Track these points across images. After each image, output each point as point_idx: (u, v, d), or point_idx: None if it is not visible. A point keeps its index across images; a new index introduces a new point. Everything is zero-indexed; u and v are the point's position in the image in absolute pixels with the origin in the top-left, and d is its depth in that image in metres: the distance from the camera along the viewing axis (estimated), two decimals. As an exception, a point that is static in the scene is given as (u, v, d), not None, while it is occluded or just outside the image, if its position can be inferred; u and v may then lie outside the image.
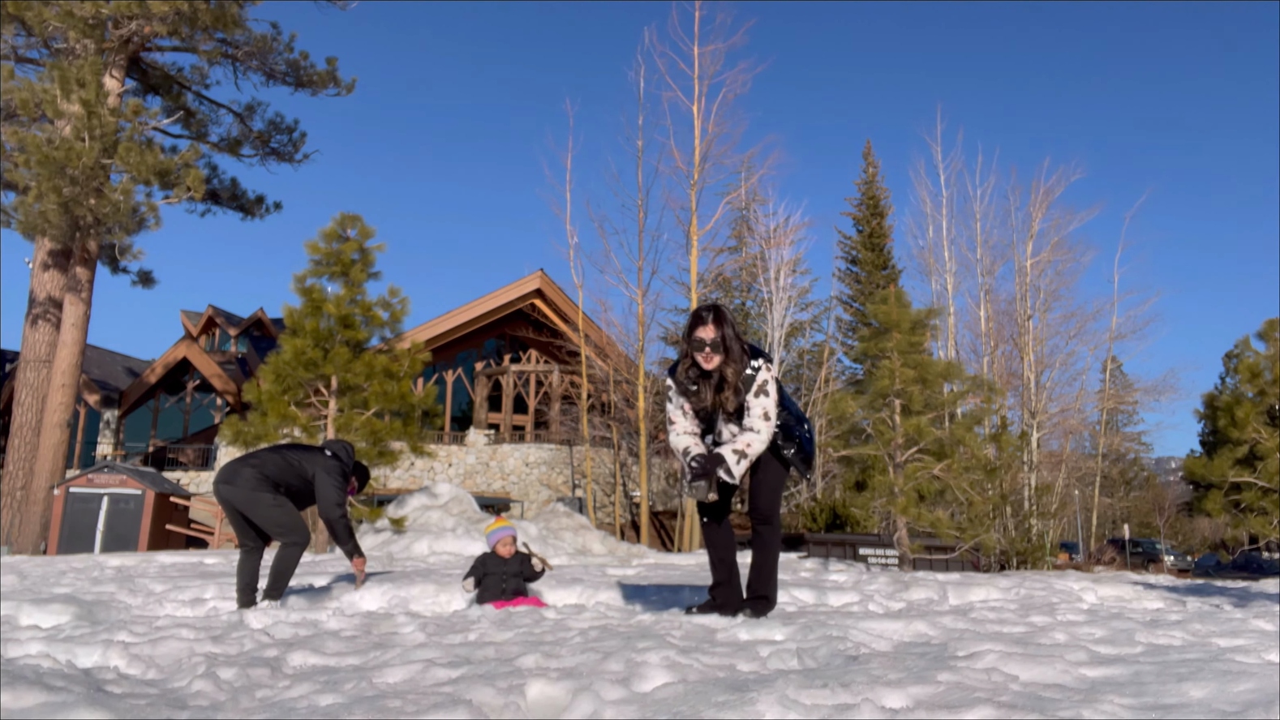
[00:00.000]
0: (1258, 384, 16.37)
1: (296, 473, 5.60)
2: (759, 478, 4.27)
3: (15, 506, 19.01)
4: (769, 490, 4.27)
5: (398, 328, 17.75)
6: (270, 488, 5.45)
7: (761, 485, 4.27)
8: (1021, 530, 21.85)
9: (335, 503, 5.56)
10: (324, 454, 5.78)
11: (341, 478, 5.70)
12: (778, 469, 4.29)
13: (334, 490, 5.60)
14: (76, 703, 2.06)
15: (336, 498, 5.58)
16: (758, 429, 4.10)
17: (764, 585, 4.26)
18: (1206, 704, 1.94)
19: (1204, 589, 9.88)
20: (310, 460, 5.69)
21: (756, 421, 4.11)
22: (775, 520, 4.28)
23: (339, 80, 22.58)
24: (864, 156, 42.02)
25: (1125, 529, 37.54)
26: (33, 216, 17.61)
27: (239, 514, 5.48)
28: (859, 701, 1.99)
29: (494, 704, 2.15)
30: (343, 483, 5.69)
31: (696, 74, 26.05)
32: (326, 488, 5.59)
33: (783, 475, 4.33)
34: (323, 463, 5.70)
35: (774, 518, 4.26)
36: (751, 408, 4.13)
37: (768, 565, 4.26)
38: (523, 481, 30.49)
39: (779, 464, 4.29)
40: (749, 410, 4.13)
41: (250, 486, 5.42)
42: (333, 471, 5.67)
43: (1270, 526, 15.92)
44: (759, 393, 4.14)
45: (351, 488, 5.91)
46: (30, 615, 4.56)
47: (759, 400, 4.13)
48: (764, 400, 4.14)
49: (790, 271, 29.21)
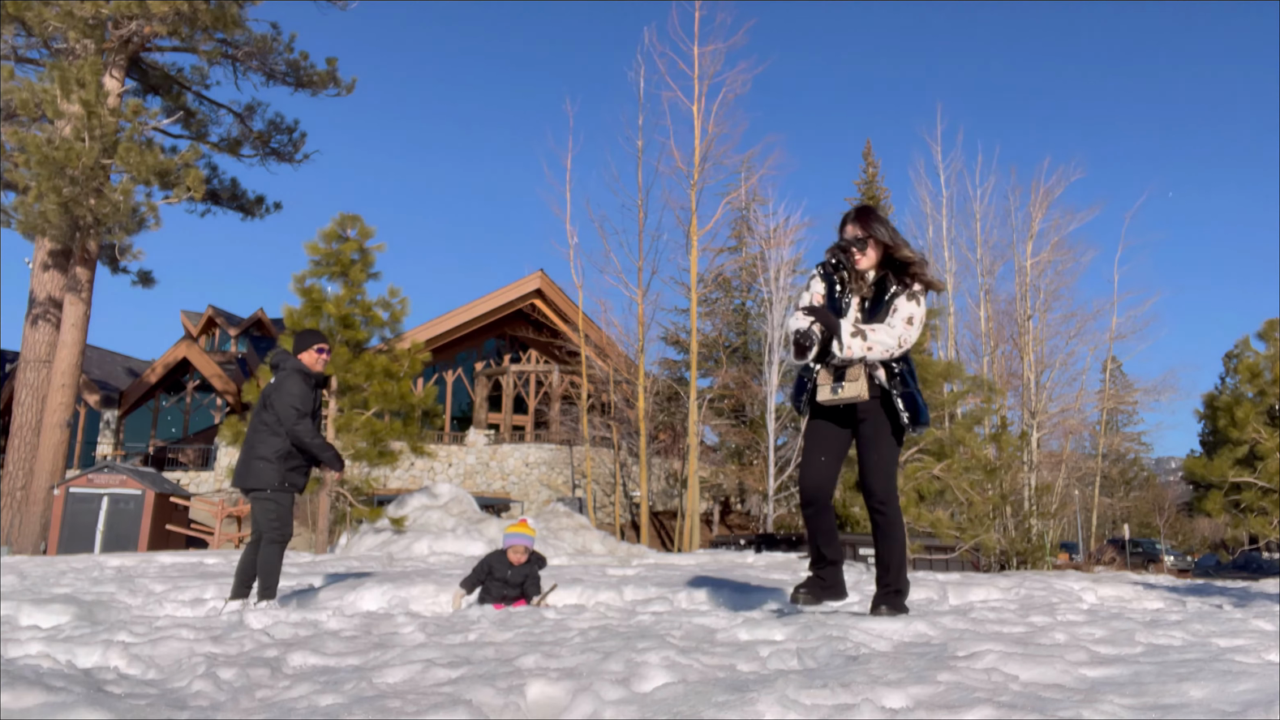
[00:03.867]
0: (1258, 384, 16.37)
1: (272, 429, 5.45)
2: (874, 460, 3.88)
3: (15, 506, 19.00)
4: (883, 470, 3.87)
5: (398, 328, 17.77)
6: (278, 477, 5.43)
7: (875, 465, 3.87)
8: (1021, 530, 21.85)
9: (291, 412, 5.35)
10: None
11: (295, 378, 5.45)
12: (891, 445, 3.90)
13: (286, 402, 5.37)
14: (76, 703, 2.06)
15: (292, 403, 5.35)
16: (893, 325, 3.76)
17: (895, 578, 3.88)
18: (1206, 704, 1.94)
19: (1204, 589, 9.88)
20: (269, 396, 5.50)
21: (898, 321, 3.77)
22: (893, 503, 3.88)
23: (339, 80, 22.59)
24: (864, 156, 41.98)
25: (1125, 529, 37.56)
26: (33, 216, 17.61)
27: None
28: (859, 701, 1.99)
29: (494, 704, 2.15)
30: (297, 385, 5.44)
31: (696, 74, 26.09)
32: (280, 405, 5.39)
33: (896, 453, 3.95)
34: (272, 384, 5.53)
35: (891, 499, 3.87)
36: (899, 309, 3.79)
37: (895, 556, 3.89)
38: (523, 481, 30.49)
39: (893, 439, 3.90)
40: (894, 309, 3.79)
41: (258, 483, 5.43)
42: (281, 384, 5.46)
43: (1270, 526, 15.93)
44: (911, 297, 3.81)
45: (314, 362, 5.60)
46: (30, 615, 4.56)
47: (909, 304, 3.80)
48: (912, 307, 3.80)
49: (790, 272, 29.15)
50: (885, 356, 3.80)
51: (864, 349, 3.76)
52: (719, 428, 32.15)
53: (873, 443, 3.89)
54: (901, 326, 3.78)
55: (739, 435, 32.33)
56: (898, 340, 3.77)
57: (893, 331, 3.77)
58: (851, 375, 3.88)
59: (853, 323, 3.80)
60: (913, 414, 3.83)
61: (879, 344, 3.76)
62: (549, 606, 5.35)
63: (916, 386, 3.88)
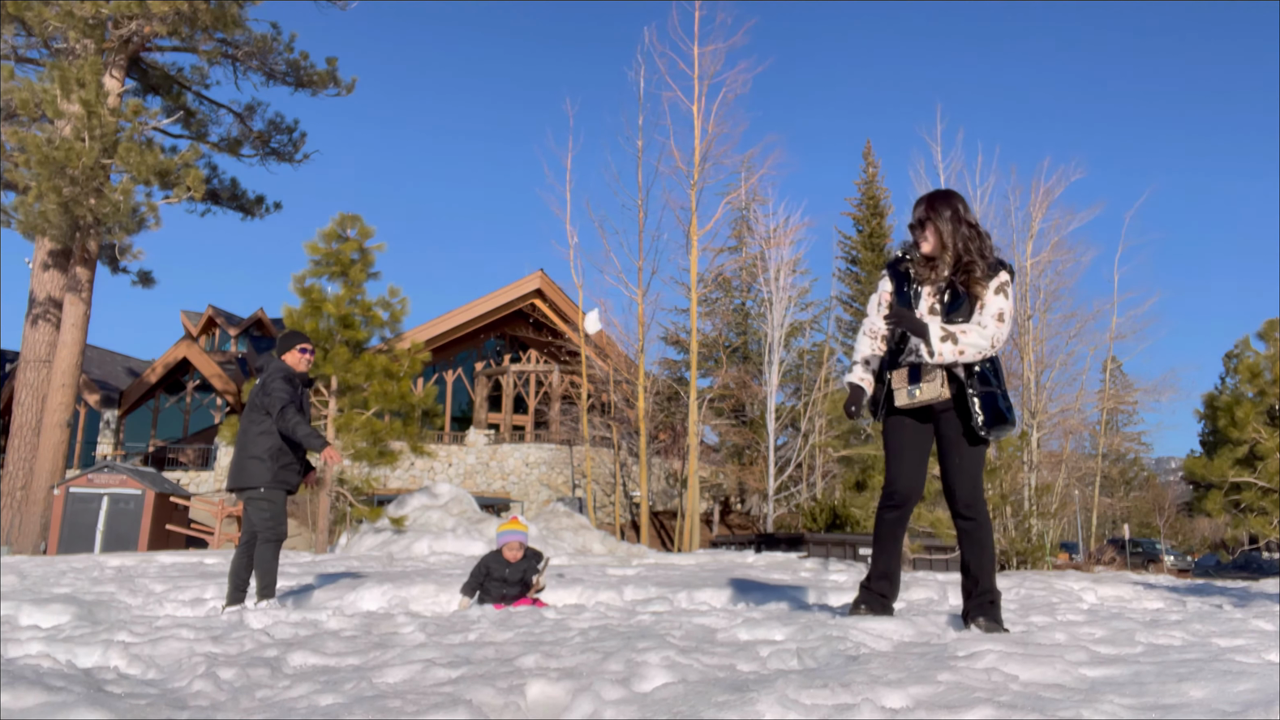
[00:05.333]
0: (1258, 384, 16.37)
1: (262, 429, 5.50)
2: (957, 463, 3.64)
3: (15, 506, 19.01)
4: (967, 474, 3.61)
5: (397, 328, 17.78)
6: (270, 476, 5.45)
7: (960, 472, 3.63)
8: (1021, 530, 21.84)
9: (280, 406, 5.40)
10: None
11: (278, 378, 5.52)
12: (978, 451, 3.64)
13: (276, 396, 5.42)
14: (76, 703, 2.06)
15: (280, 399, 5.41)
16: (984, 323, 3.52)
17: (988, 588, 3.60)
18: (1206, 704, 1.94)
19: (1204, 589, 9.88)
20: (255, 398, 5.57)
21: (988, 319, 3.53)
22: (981, 511, 3.61)
23: (339, 80, 22.60)
24: (864, 156, 41.98)
25: (1125, 529, 37.57)
26: (33, 216, 17.62)
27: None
28: (859, 701, 1.99)
29: (494, 704, 2.15)
30: (280, 384, 5.50)
31: (696, 74, 26.08)
32: (268, 401, 5.46)
33: (982, 459, 3.67)
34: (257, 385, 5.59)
35: (979, 508, 3.60)
36: (987, 305, 3.56)
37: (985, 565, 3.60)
38: (523, 481, 30.50)
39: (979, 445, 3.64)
40: (982, 306, 3.56)
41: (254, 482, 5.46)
42: (267, 382, 5.52)
43: (1270, 526, 15.93)
44: (999, 291, 3.57)
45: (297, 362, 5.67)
46: (30, 615, 4.56)
47: (996, 299, 3.56)
48: (1000, 301, 3.55)
49: (790, 271, 29.19)
50: (978, 358, 3.57)
51: (955, 353, 3.55)
52: (719, 428, 32.16)
53: (954, 445, 3.65)
54: (994, 325, 3.54)
55: (739, 435, 32.34)
56: (990, 340, 3.53)
57: (985, 331, 3.53)
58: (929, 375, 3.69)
59: (941, 325, 3.58)
60: (989, 416, 3.56)
61: (971, 346, 3.54)
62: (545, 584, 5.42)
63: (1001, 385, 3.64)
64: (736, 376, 32.10)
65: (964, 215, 3.68)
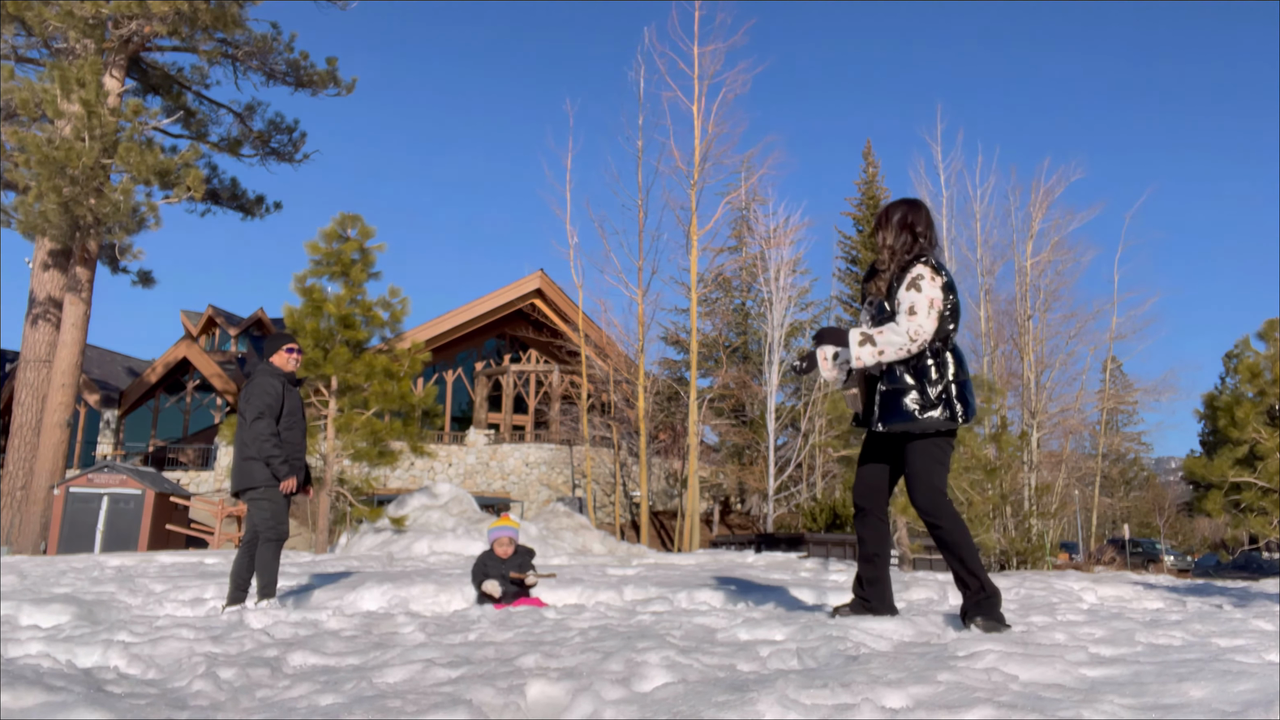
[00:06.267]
0: (1258, 384, 16.37)
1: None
2: (909, 471, 3.63)
3: (15, 506, 19.01)
4: (922, 482, 3.59)
5: (398, 328, 17.78)
6: (269, 474, 5.45)
7: (913, 478, 3.61)
8: (1021, 530, 21.83)
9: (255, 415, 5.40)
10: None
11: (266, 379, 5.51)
12: (929, 453, 3.59)
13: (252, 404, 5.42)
14: (76, 703, 2.06)
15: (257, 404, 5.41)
16: (898, 322, 3.55)
17: (977, 585, 3.54)
18: (1206, 704, 1.94)
19: (1204, 589, 9.87)
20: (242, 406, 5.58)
21: (901, 314, 3.56)
22: (945, 514, 3.54)
23: (339, 80, 22.60)
24: (864, 156, 41.97)
25: (1125, 529, 37.58)
26: (33, 216, 17.61)
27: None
28: (859, 701, 1.99)
29: (494, 704, 2.15)
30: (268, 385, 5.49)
31: (696, 74, 26.09)
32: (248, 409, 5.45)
33: (935, 460, 3.59)
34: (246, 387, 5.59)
35: (939, 511, 3.55)
36: (900, 301, 3.58)
37: (964, 565, 3.53)
38: (523, 481, 30.50)
39: (926, 445, 3.59)
40: (898, 304, 3.60)
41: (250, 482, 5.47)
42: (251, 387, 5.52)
43: (1270, 526, 15.93)
44: (909, 286, 3.58)
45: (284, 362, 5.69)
46: (30, 615, 4.56)
47: (907, 294, 3.57)
48: (912, 295, 3.57)
49: (790, 271, 29.21)
50: (903, 355, 3.58)
51: (875, 354, 3.58)
52: (719, 428, 32.17)
53: (905, 453, 3.65)
54: (905, 319, 3.54)
55: (739, 435, 32.35)
56: (907, 335, 3.53)
57: (899, 328, 3.55)
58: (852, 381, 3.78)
59: (860, 331, 3.64)
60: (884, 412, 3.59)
61: (889, 345, 3.56)
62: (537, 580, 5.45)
63: (930, 381, 3.57)
64: (736, 376, 32.12)
65: (907, 221, 3.74)
